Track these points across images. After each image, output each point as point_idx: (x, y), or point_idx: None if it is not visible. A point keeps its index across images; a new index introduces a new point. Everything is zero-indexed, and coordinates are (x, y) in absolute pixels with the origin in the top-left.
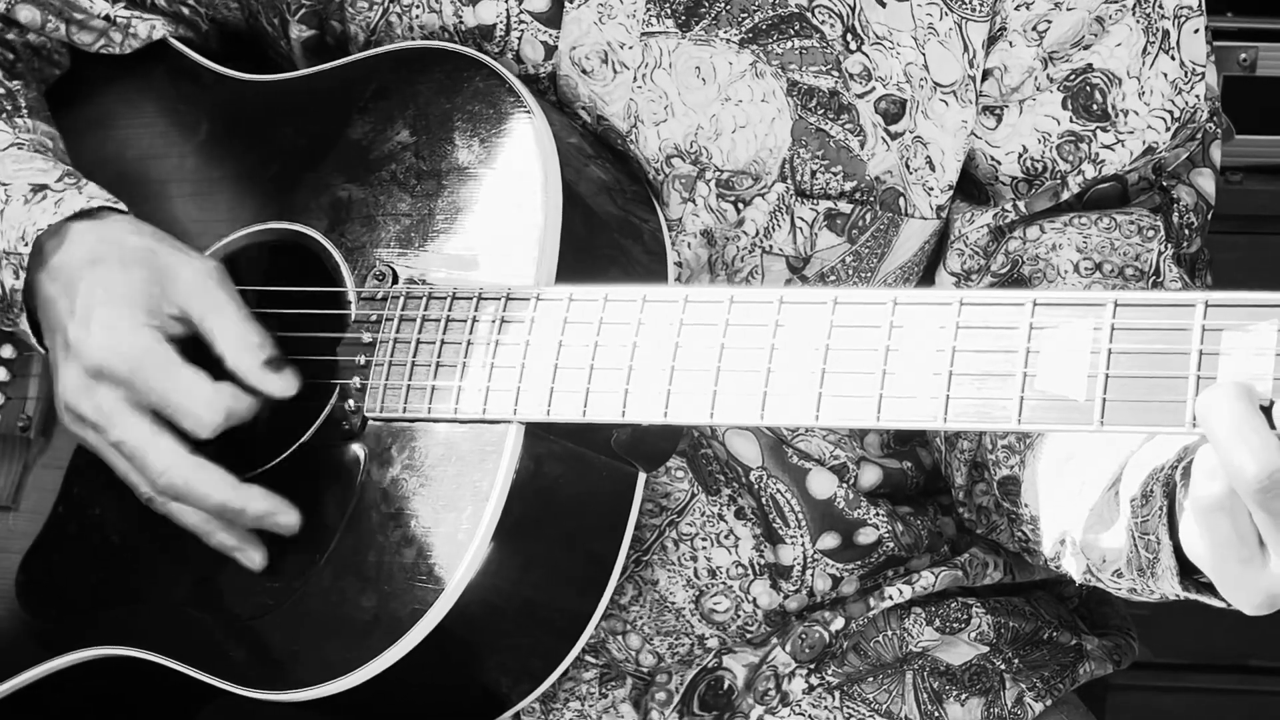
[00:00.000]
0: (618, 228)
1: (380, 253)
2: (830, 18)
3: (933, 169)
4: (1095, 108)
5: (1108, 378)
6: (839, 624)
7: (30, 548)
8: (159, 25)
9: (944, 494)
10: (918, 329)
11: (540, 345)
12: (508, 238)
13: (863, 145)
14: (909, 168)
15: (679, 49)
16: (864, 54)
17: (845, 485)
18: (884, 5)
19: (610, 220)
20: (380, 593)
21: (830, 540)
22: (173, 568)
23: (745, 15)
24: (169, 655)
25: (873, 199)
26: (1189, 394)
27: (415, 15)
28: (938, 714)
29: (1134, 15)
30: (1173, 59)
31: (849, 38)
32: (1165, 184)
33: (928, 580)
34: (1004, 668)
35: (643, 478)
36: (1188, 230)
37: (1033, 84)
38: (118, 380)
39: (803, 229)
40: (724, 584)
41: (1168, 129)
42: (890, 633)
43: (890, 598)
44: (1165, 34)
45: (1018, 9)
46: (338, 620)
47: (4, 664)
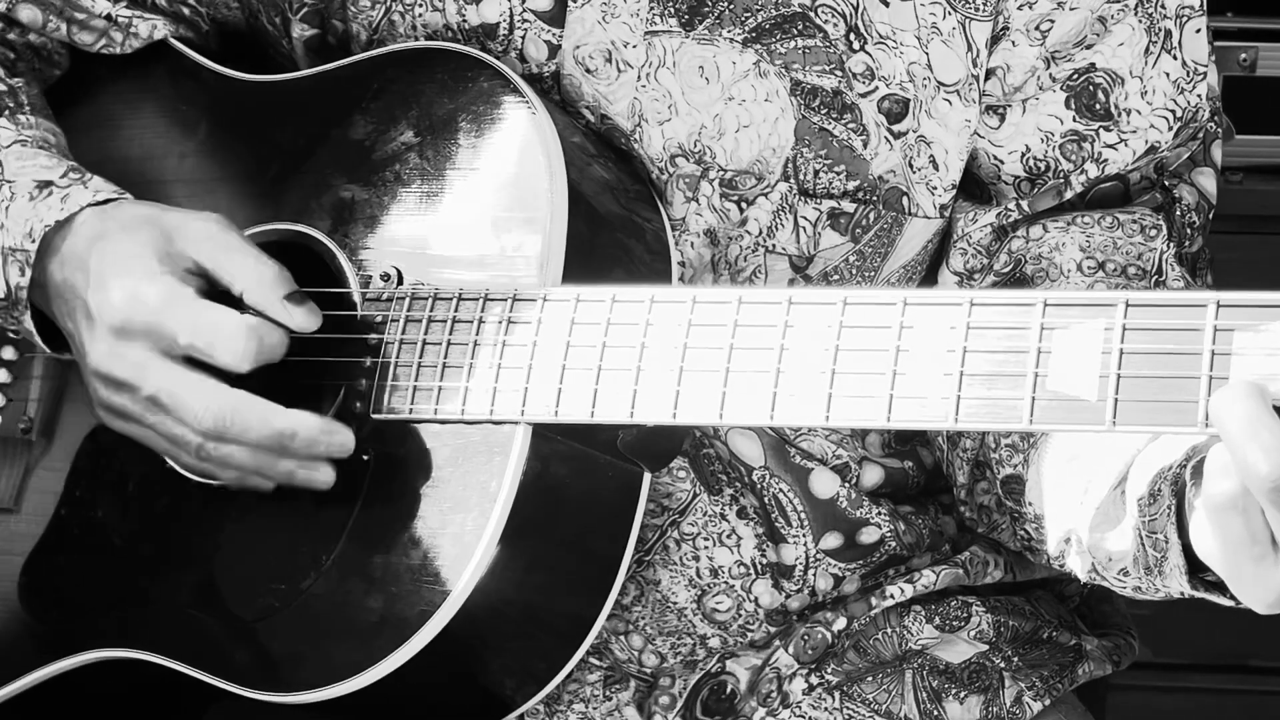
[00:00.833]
0: (621, 227)
1: (385, 253)
2: (833, 17)
3: (936, 168)
4: (1098, 107)
5: (1119, 378)
6: (841, 624)
7: (33, 550)
8: (160, 25)
9: (945, 493)
10: (928, 329)
11: (548, 346)
12: (513, 237)
13: (866, 145)
14: (912, 167)
15: (682, 48)
16: (867, 53)
17: (847, 485)
18: (887, 4)
19: (614, 220)
20: (387, 594)
21: (833, 540)
22: (177, 570)
23: (749, 14)
24: (173, 657)
25: (876, 198)
26: (1201, 394)
27: (418, 14)
28: (937, 712)
29: (1136, 15)
30: (1175, 58)
31: (852, 37)
32: (1167, 183)
33: (929, 579)
34: (1003, 666)
35: (648, 478)
36: (1190, 229)
37: (1035, 83)
38: (145, 331)
39: (806, 228)
40: (726, 583)
41: (1170, 128)
42: (890, 631)
43: (891, 596)
44: (1167, 34)
45: (1020, 8)
46: (344, 622)
47: (7, 667)
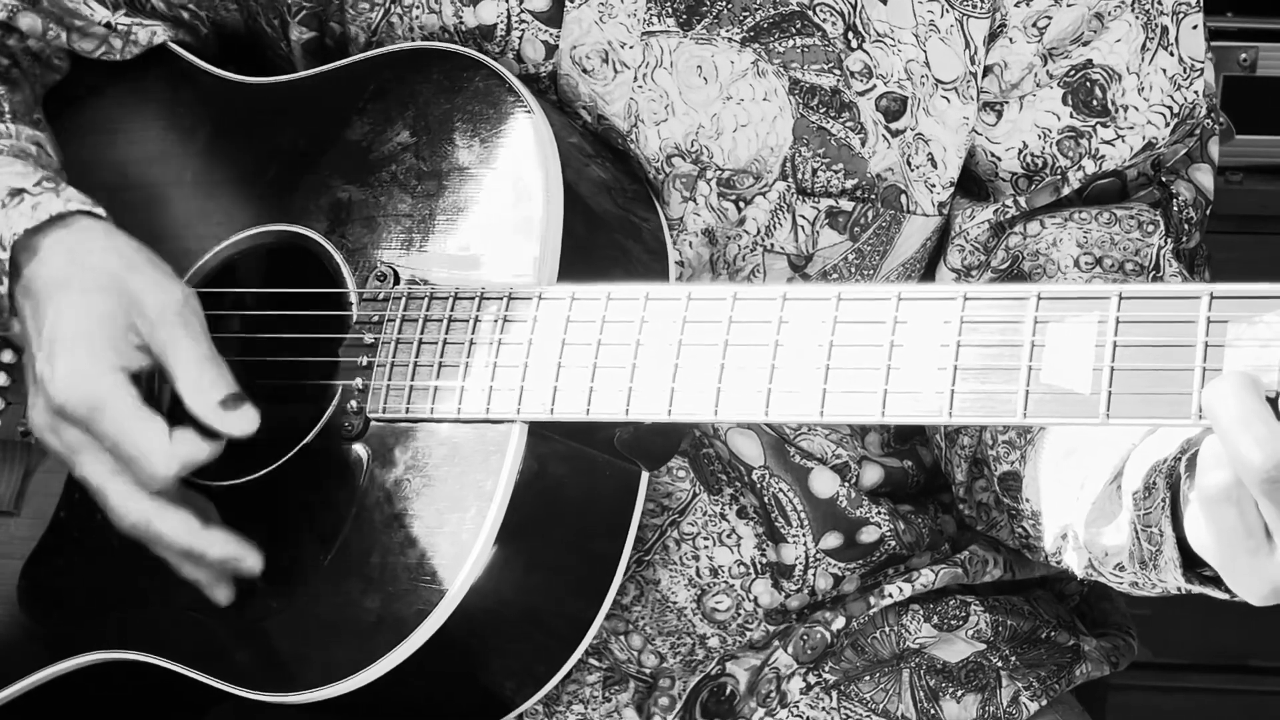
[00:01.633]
0: (618, 227)
1: (381, 253)
2: (831, 16)
3: (934, 166)
4: (1095, 103)
5: (1113, 370)
6: (839, 623)
7: (32, 553)
8: (160, 31)
9: (944, 492)
10: (922, 324)
11: (543, 344)
12: (509, 237)
13: (864, 143)
14: (910, 165)
15: (680, 48)
16: (865, 52)
17: (847, 484)
18: (885, 2)
19: (611, 219)
20: (384, 594)
21: (833, 539)
22: (175, 571)
23: (746, 14)
24: (173, 659)
25: (874, 196)
26: (1195, 386)
27: (416, 16)
28: (934, 711)
29: (1133, 11)
30: (1171, 55)
31: (850, 35)
32: (1164, 179)
33: (928, 578)
34: (1001, 666)
35: (646, 477)
36: (1187, 225)
37: (1033, 80)
38: (81, 422)
39: (804, 227)
40: (725, 583)
41: (1167, 124)
42: (888, 630)
43: (890, 595)
44: (1164, 30)
45: (1018, 5)
46: (342, 622)
47: (7, 669)
